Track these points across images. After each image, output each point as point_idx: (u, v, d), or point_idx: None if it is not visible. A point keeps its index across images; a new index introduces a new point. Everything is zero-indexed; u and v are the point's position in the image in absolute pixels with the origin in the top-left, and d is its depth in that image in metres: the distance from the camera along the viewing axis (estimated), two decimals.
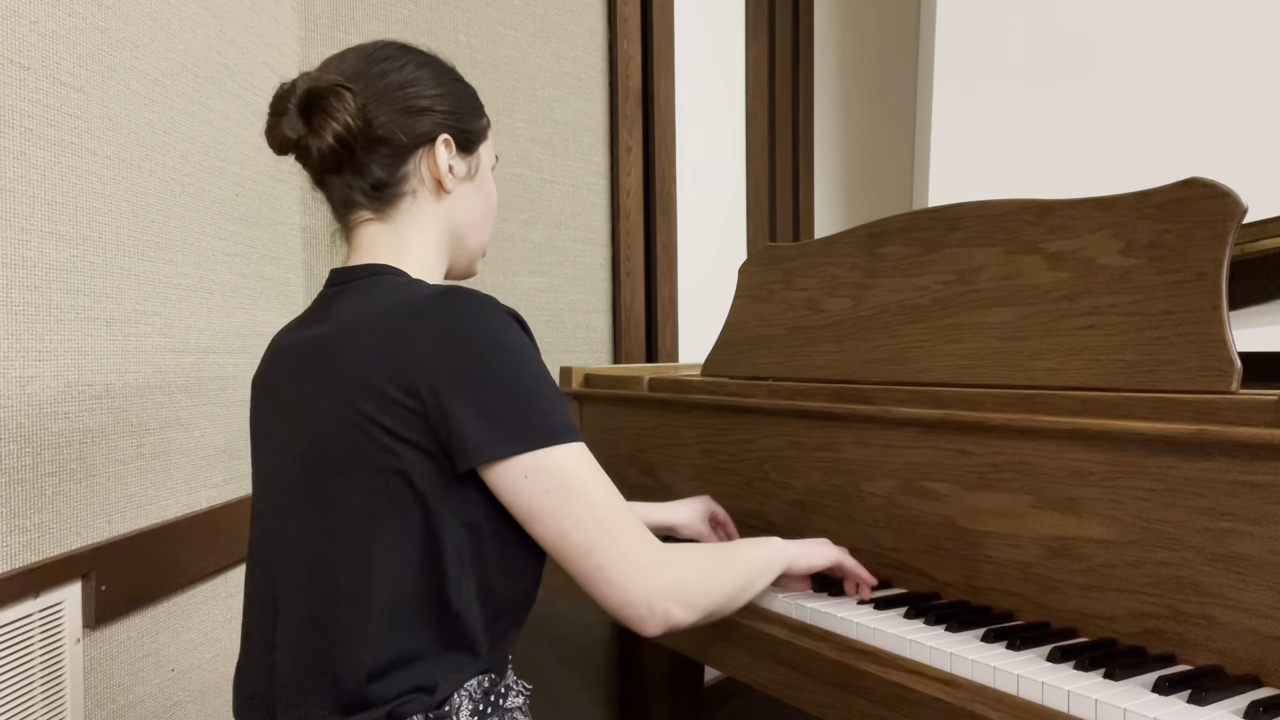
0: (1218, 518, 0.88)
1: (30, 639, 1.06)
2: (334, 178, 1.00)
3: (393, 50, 1.01)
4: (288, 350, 1.00)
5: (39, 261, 1.08)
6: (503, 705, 0.92)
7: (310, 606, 0.90)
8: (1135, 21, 2.44)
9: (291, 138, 0.96)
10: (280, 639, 0.92)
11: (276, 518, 0.95)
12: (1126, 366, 1.01)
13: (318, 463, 0.90)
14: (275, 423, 0.98)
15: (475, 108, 1.05)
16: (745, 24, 2.87)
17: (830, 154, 3.24)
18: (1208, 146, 2.31)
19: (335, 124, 0.94)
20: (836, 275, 1.42)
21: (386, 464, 0.86)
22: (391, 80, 0.98)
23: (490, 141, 1.08)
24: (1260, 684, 0.85)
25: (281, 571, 0.93)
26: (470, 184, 1.04)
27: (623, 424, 1.71)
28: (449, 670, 0.88)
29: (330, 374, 0.90)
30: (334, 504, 0.88)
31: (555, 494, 0.86)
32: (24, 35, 1.05)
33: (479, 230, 1.07)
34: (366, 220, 1.00)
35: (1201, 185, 1.01)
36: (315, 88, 0.94)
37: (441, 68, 1.03)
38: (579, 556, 0.87)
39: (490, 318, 0.89)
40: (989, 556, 1.08)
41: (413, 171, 0.99)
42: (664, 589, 0.89)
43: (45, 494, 1.09)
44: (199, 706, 1.43)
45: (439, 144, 0.99)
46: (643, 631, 0.89)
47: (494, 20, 2.16)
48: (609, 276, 2.43)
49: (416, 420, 0.86)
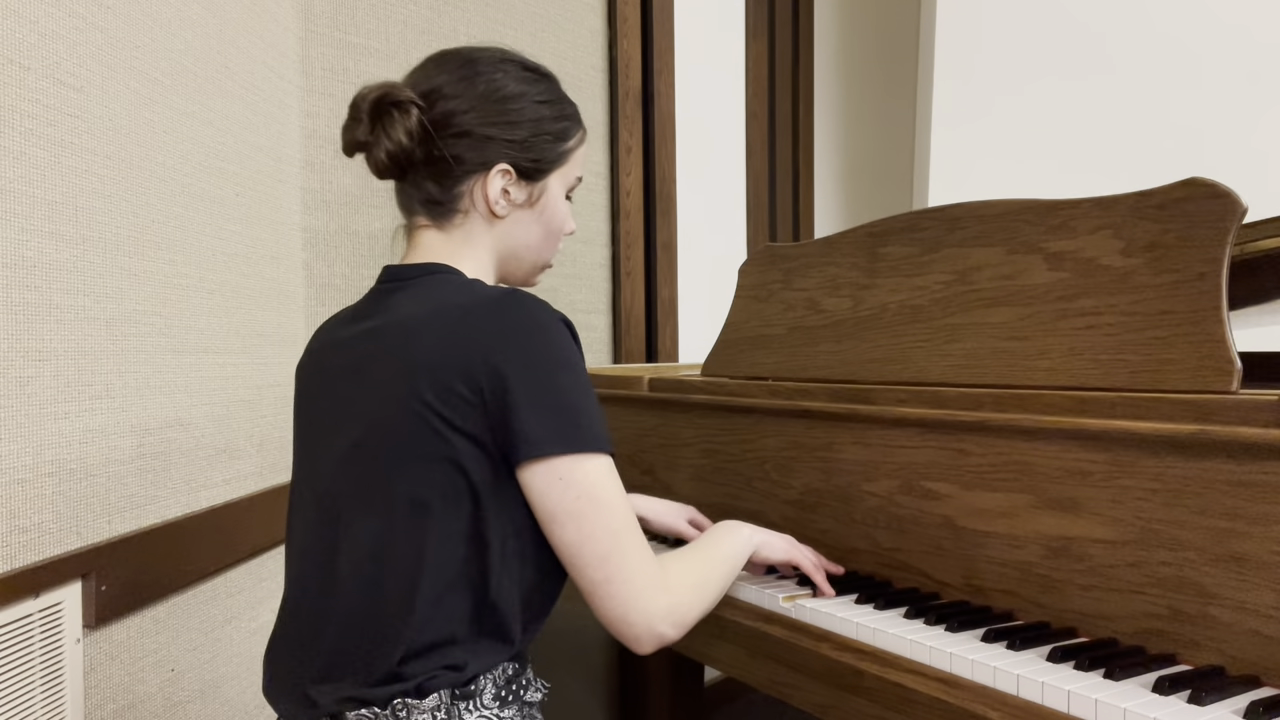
0: (1218, 518, 0.88)
1: (30, 639, 1.06)
2: (396, 183, 1.03)
3: (486, 65, 1.01)
4: (343, 342, 1.02)
5: (39, 261, 1.08)
6: (523, 698, 0.95)
7: (359, 590, 0.92)
8: (1135, 21, 2.44)
9: (358, 140, 0.98)
10: (327, 620, 0.94)
11: (327, 503, 0.97)
12: (1126, 366, 1.01)
13: (373, 450, 0.93)
14: (327, 412, 1.01)
15: (556, 132, 1.04)
16: (745, 24, 2.87)
17: (830, 154, 3.24)
18: (1208, 146, 2.31)
19: (389, 141, 0.97)
20: (836, 275, 1.42)
21: (442, 453, 0.89)
22: (463, 101, 0.99)
23: (570, 165, 1.07)
24: (1260, 684, 0.85)
25: (332, 556, 0.95)
26: (529, 211, 1.04)
27: (623, 424, 1.71)
28: (481, 654, 0.91)
29: (391, 364, 0.93)
30: (388, 491, 0.91)
31: (584, 500, 0.90)
32: (24, 35, 1.05)
33: (535, 253, 1.08)
34: (425, 226, 1.03)
35: (1202, 185, 1.01)
36: (386, 97, 0.97)
37: (535, 88, 1.03)
38: (591, 565, 0.90)
39: (551, 323, 0.92)
40: (989, 556, 1.08)
41: (466, 194, 1.01)
42: (661, 612, 0.92)
43: (45, 494, 1.09)
44: (199, 706, 1.43)
45: (494, 173, 1.00)
46: (636, 649, 0.93)
47: (494, 20, 2.16)
48: (609, 276, 2.43)
49: (475, 413, 0.89)
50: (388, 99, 0.97)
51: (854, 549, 1.24)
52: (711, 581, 1.03)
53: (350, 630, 0.92)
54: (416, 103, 0.97)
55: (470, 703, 0.90)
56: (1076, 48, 2.52)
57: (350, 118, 0.99)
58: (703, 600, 0.99)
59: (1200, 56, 2.35)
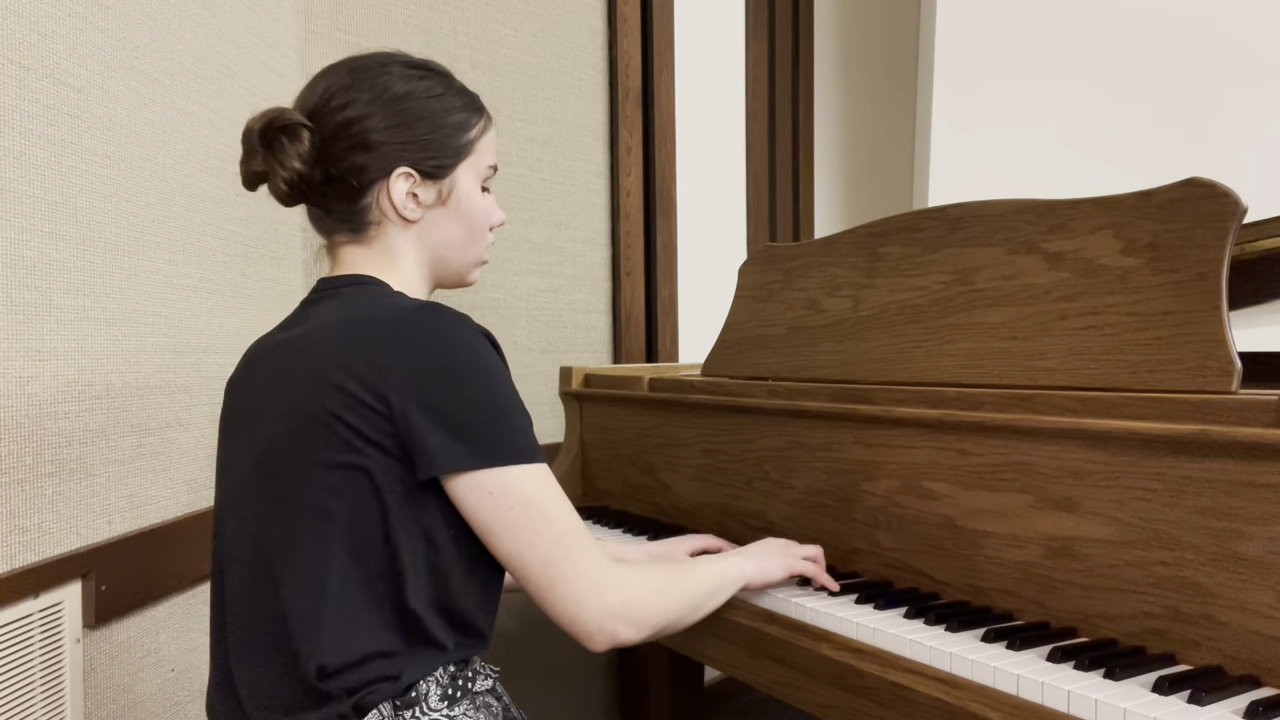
0: (1218, 518, 0.88)
1: (30, 639, 1.06)
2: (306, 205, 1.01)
3: (370, 71, 0.98)
4: (264, 352, 1.01)
5: (39, 261, 1.08)
6: (471, 689, 0.93)
7: (266, 604, 0.90)
8: (1135, 21, 2.44)
9: (255, 172, 0.96)
10: (236, 638, 0.93)
11: (236, 518, 0.95)
12: (1126, 366, 1.01)
13: (280, 458, 0.91)
14: (241, 422, 0.99)
15: (454, 124, 1.00)
16: (745, 24, 2.87)
17: (830, 154, 3.24)
18: (1208, 146, 2.31)
19: (283, 170, 0.94)
20: (836, 275, 1.42)
21: (347, 461, 0.87)
22: (349, 114, 0.96)
23: (478, 155, 1.03)
24: (1260, 684, 0.85)
25: (239, 570, 0.94)
26: (442, 209, 1.01)
27: (623, 424, 1.71)
28: (414, 662, 0.90)
29: (300, 372, 0.91)
30: (292, 498, 0.89)
31: (517, 510, 0.89)
32: (24, 35, 1.05)
33: (461, 250, 1.05)
34: (344, 242, 1.02)
35: (1202, 185, 1.01)
36: (273, 123, 0.94)
37: (423, 84, 0.99)
38: (534, 573, 0.90)
39: (467, 336, 0.91)
40: (989, 556, 1.08)
41: (373, 203, 0.99)
42: (613, 608, 0.91)
43: (45, 494, 1.09)
44: (199, 706, 1.43)
45: (395, 178, 0.97)
46: (590, 647, 0.92)
47: (494, 20, 2.16)
48: (609, 276, 2.43)
49: (381, 422, 0.87)
50: (274, 124, 0.94)
51: (854, 549, 1.24)
52: (678, 590, 1.01)
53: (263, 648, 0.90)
54: (305, 124, 0.95)
55: (414, 710, 0.88)
56: (1077, 47, 2.52)
57: (244, 151, 0.96)
58: (665, 606, 0.97)
59: (1201, 55, 2.35)
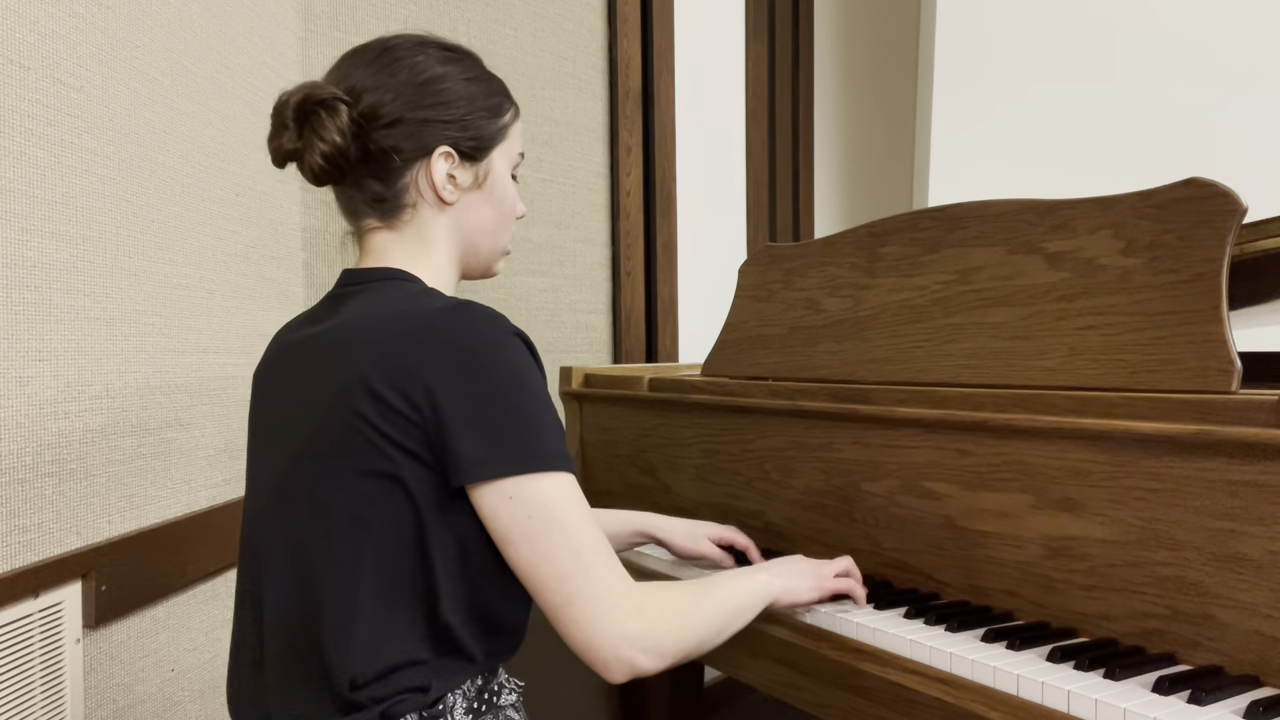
0: (1218, 518, 0.88)
1: (30, 639, 1.06)
2: (336, 187, 0.99)
3: (404, 51, 0.98)
4: (292, 346, 0.99)
5: (39, 261, 1.08)
6: (496, 703, 0.92)
7: (298, 607, 0.89)
8: (1135, 21, 2.44)
9: (287, 149, 0.94)
10: (269, 639, 0.91)
11: (269, 517, 0.94)
12: (1126, 366, 1.01)
13: (313, 462, 0.89)
14: (273, 419, 0.98)
15: (489, 107, 1.00)
16: (745, 24, 2.87)
17: (830, 154, 3.24)
18: (1208, 146, 2.31)
19: (322, 143, 0.92)
20: (836, 275, 1.42)
21: (381, 468, 0.85)
22: (390, 91, 0.95)
23: (510, 141, 1.03)
24: (1260, 684, 0.85)
25: (271, 571, 0.92)
26: (478, 193, 1.00)
27: (623, 424, 1.71)
28: (443, 673, 0.88)
29: (332, 374, 0.89)
30: (326, 504, 0.87)
31: (536, 520, 0.84)
32: (24, 35, 1.05)
33: (492, 237, 1.04)
34: (375, 228, 0.99)
35: (1202, 185, 1.01)
36: (309, 99, 0.92)
37: (458, 67, 1.00)
38: (550, 588, 0.85)
39: (501, 338, 0.87)
40: (989, 556, 1.08)
41: (411, 184, 0.97)
42: (631, 636, 0.85)
43: (45, 494, 1.09)
44: (199, 706, 1.43)
45: (436, 157, 0.96)
46: (608, 678, 0.86)
47: (494, 20, 2.16)
48: (609, 276, 2.43)
49: (414, 430, 0.85)
50: (312, 98, 0.92)
51: (854, 549, 1.24)
52: (701, 613, 0.93)
53: (293, 650, 0.89)
54: (343, 99, 0.93)
55: None
56: (1076, 47, 2.52)
57: (275, 126, 0.94)
58: (687, 631, 0.90)
59: (1202, 57, 2.35)
